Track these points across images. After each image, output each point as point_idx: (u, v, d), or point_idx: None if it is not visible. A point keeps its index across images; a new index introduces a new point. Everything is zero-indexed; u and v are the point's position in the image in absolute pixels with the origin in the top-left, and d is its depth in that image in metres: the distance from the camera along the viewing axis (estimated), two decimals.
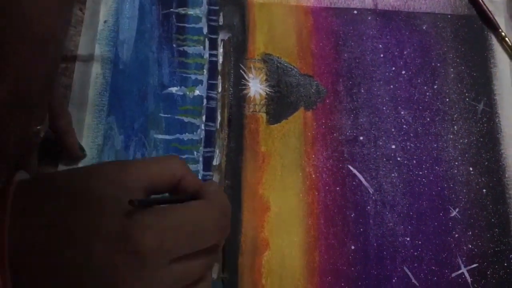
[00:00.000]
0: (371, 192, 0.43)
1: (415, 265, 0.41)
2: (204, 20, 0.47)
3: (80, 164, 0.42)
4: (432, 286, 0.41)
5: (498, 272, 0.42)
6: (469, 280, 0.41)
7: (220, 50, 0.47)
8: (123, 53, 0.46)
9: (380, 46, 0.48)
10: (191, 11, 0.47)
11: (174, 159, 0.34)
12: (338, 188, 0.43)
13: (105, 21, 0.46)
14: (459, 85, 0.47)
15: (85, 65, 0.45)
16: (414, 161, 0.44)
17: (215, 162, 0.44)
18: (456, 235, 0.42)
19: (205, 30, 0.47)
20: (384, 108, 0.46)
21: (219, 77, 0.46)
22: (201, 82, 0.45)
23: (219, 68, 0.46)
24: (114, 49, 0.46)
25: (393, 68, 0.47)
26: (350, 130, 0.45)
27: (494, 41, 0.49)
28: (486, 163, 0.45)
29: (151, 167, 0.32)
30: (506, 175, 0.44)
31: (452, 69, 0.48)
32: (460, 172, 0.44)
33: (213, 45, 0.47)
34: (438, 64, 0.48)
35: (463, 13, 0.49)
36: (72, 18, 0.46)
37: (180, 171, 0.33)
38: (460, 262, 0.42)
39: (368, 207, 0.43)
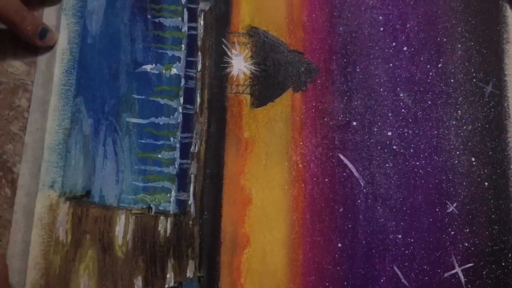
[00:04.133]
0: (362, 184, 0.40)
1: (406, 264, 0.39)
2: None
3: (46, 148, 0.39)
4: (423, 286, 0.39)
5: (494, 272, 0.39)
6: (463, 280, 0.39)
7: (201, 22, 0.42)
8: (91, 25, 0.41)
9: (380, 18, 0.43)
10: None
11: None
12: (326, 180, 0.40)
13: None
14: (467, 64, 0.42)
15: None
16: (412, 150, 0.41)
17: (194, 149, 0.40)
18: (452, 232, 0.39)
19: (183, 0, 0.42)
20: (381, 89, 0.42)
21: (199, 53, 0.41)
22: (178, 59, 0.41)
23: (199, 43, 0.42)
24: (81, 21, 0.41)
25: (394, 44, 0.42)
26: (342, 115, 0.41)
27: (510, 13, 0.43)
28: (490, 153, 0.41)
29: None
30: (511, 167, 0.41)
31: (460, 45, 0.43)
32: (461, 163, 0.40)
33: (193, 17, 0.42)
34: (445, 39, 0.43)
35: None
36: None
37: None
38: (455, 261, 0.39)
39: (358, 201, 0.40)
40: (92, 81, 0.40)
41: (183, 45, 0.41)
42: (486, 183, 0.40)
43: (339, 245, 0.39)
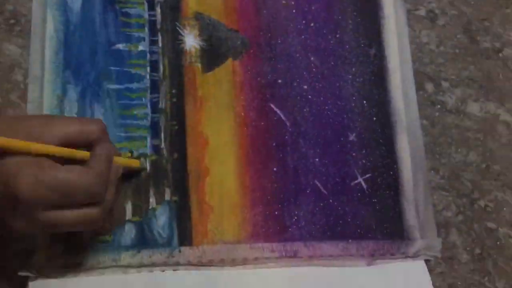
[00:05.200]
0: (288, 125, 0.54)
1: (323, 178, 0.53)
2: None
3: (44, 111, 0.49)
4: (338, 193, 0.52)
5: (386, 179, 0.53)
6: (364, 186, 0.54)
7: (158, 10, 0.54)
8: (72, 16, 0.52)
9: (293, 3, 0.57)
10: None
11: (96, 123, 0.39)
12: (262, 123, 0.53)
13: None
14: (356, 34, 0.58)
15: (39, 28, 0.51)
16: (321, 98, 0.55)
17: (161, 105, 0.52)
18: (354, 154, 0.54)
19: None
20: (297, 55, 0.56)
21: (159, 34, 0.54)
22: (143, 39, 0.53)
23: (158, 26, 0.54)
24: (64, 13, 0.52)
25: (304, 22, 0.57)
26: (270, 75, 0.55)
27: None
28: (376, 97, 0.56)
29: (72, 124, 0.37)
30: (391, 105, 0.56)
31: (350, 21, 0.58)
32: (357, 105, 0.55)
33: (151, 7, 0.54)
34: (340, 17, 0.58)
35: None
36: None
37: (96, 134, 0.38)
38: (357, 173, 0.54)
39: (286, 137, 0.53)
40: (76, 58, 0.51)
41: (146, 28, 0.53)
42: (374, 118, 0.55)
43: (274, 169, 0.52)
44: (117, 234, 0.47)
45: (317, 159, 0.53)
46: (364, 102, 0.56)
